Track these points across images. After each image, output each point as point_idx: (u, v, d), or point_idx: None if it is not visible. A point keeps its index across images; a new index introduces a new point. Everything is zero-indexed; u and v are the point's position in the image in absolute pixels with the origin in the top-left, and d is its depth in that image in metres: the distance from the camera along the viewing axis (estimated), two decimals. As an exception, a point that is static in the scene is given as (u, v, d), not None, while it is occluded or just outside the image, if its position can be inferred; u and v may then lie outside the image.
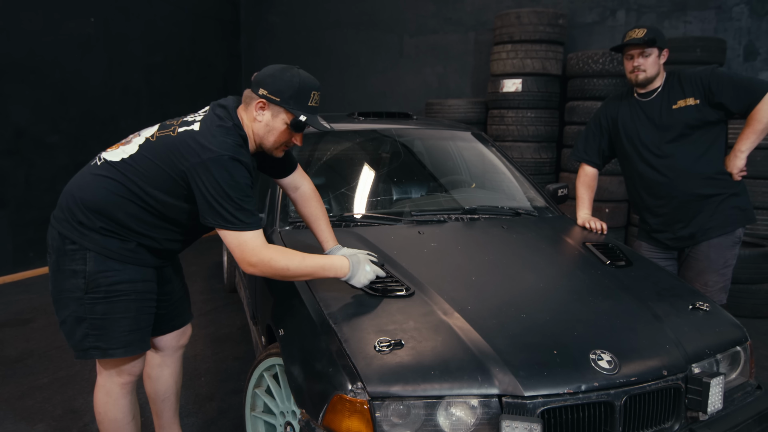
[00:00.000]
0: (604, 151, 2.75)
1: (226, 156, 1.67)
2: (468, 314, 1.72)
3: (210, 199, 1.68)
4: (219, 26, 7.28)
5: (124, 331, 1.82)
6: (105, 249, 1.79)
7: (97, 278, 1.78)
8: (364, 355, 1.55)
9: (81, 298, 1.78)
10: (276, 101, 1.76)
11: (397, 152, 3.08)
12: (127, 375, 1.94)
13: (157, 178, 1.76)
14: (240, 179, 1.69)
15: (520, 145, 5.32)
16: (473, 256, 2.19)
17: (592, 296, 1.91)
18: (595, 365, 1.56)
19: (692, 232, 2.50)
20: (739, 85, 2.34)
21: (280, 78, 1.76)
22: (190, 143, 1.71)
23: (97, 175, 1.81)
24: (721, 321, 1.93)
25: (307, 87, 1.77)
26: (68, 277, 1.79)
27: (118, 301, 1.80)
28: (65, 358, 3.27)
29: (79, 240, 1.78)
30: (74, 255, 1.78)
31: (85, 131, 5.42)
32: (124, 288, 1.81)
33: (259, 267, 1.73)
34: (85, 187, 1.82)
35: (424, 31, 6.46)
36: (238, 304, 4.18)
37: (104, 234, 1.79)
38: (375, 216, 2.52)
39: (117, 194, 1.78)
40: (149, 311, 1.90)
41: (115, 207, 1.78)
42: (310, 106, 1.78)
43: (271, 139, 1.82)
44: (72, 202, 1.81)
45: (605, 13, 5.49)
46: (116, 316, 1.81)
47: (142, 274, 1.85)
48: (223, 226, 1.70)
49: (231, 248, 1.74)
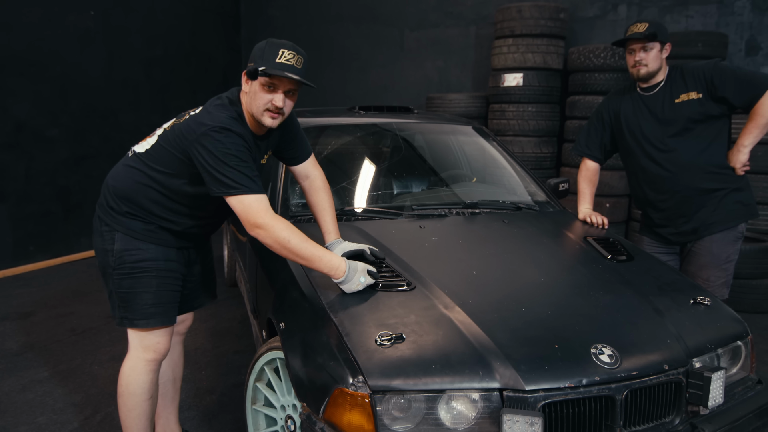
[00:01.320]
0: (606, 146, 2.74)
1: (217, 127, 1.76)
2: (469, 308, 1.72)
3: (210, 169, 1.76)
4: (219, 19, 7.25)
5: (146, 304, 1.97)
6: (130, 230, 1.96)
7: (122, 256, 1.95)
8: (365, 348, 1.55)
9: (111, 274, 1.98)
10: (250, 66, 1.82)
11: (398, 146, 3.07)
12: (152, 352, 2.04)
13: (170, 164, 1.91)
14: (233, 146, 1.77)
15: (521, 139, 5.30)
16: (474, 250, 2.18)
17: (593, 290, 1.91)
18: (596, 359, 1.56)
19: (694, 227, 2.49)
20: (742, 79, 2.32)
21: (255, 47, 1.86)
22: (190, 124, 1.84)
23: (126, 166, 2.01)
24: (722, 315, 1.93)
25: (274, 45, 1.81)
26: (104, 255, 1.99)
27: (142, 277, 1.96)
28: (66, 351, 3.27)
29: (110, 222, 1.98)
30: (107, 235, 1.98)
31: (85, 125, 5.41)
32: (146, 265, 1.96)
33: (264, 229, 1.77)
34: (116, 176, 2.02)
35: (425, 25, 6.44)
36: (239, 298, 4.18)
37: (129, 217, 1.96)
38: (376, 210, 2.52)
39: (140, 182, 1.95)
40: (172, 288, 2.03)
41: (138, 193, 1.95)
42: (278, 63, 1.78)
43: (255, 104, 1.85)
44: (106, 190, 2.03)
45: (607, 7, 5.46)
46: (139, 290, 1.96)
47: (164, 253, 2.00)
48: (226, 192, 1.77)
49: (237, 213, 1.80)
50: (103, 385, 2.88)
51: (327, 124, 3.15)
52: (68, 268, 5.07)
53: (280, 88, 1.82)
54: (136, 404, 2.05)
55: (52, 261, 5.17)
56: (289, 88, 1.84)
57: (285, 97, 1.84)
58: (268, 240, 1.79)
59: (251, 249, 2.64)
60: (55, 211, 5.20)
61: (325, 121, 3.16)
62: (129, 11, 5.77)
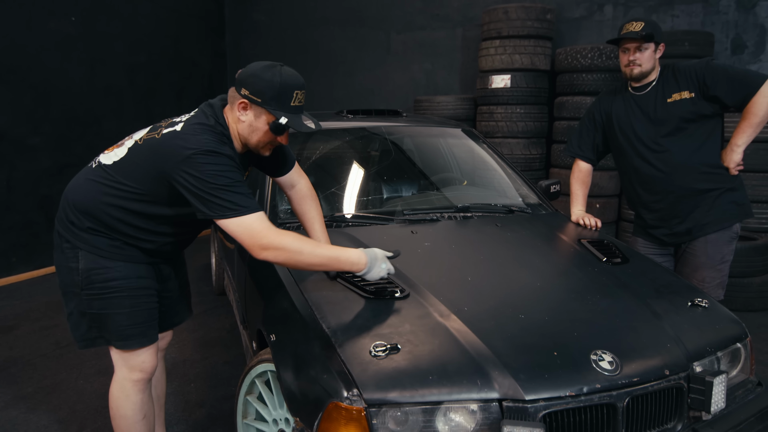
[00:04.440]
0: (599, 147, 2.71)
1: (206, 149, 1.66)
2: (465, 316, 1.68)
3: (201, 194, 1.65)
4: (203, 24, 7.17)
5: (121, 326, 1.86)
6: (94, 247, 1.82)
7: (89, 275, 1.82)
8: (359, 360, 1.50)
9: (79, 294, 1.85)
10: (257, 102, 1.72)
11: (387, 150, 3.02)
12: (138, 372, 1.94)
13: (142, 181, 1.76)
14: (224, 168, 1.67)
15: (510, 141, 5.28)
16: (468, 255, 2.14)
17: (590, 295, 1.88)
18: (596, 366, 1.52)
19: (689, 228, 2.47)
20: (734, 78, 2.30)
21: (261, 77, 1.72)
22: (171, 144, 1.70)
23: (89, 179, 1.85)
24: (721, 317, 1.90)
25: (288, 86, 1.73)
26: (67, 274, 1.86)
27: (113, 298, 1.84)
28: (50, 366, 3.19)
29: (71, 239, 1.84)
30: (69, 253, 1.84)
31: (68, 133, 5.31)
32: (116, 285, 1.83)
33: (272, 250, 1.69)
34: (77, 189, 1.87)
35: (411, 28, 6.41)
36: (227, 307, 4.10)
37: (92, 233, 1.82)
38: (366, 216, 2.47)
39: (103, 199, 1.80)
40: (147, 306, 1.91)
41: (100, 210, 1.81)
42: (292, 106, 1.74)
43: (254, 139, 1.80)
44: (65, 203, 1.88)
45: (593, 8, 5.47)
46: (111, 312, 1.85)
47: (135, 270, 1.87)
48: (223, 215, 1.66)
49: (238, 236, 1.69)
50: (89, 401, 2.80)
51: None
52: (51, 280, 4.95)
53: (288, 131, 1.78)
54: (130, 426, 1.97)
55: (35, 272, 5.06)
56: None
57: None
58: (280, 259, 1.71)
59: (239, 258, 2.58)
60: (38, 221, 5.09)
61: (312, 126, 3.10)
62: (111, 17, 5.68)
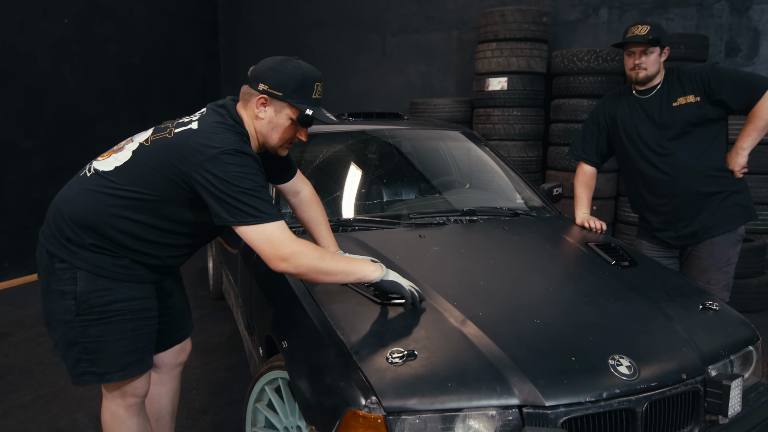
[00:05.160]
0: (603, 150, 2.72)
1: (230, 149, 1.56)
2: (480, 321, 1.66)
3: (222, 196, 1.55)
4: (197, 26, 7.13)
5: (120, 354, 1.70)
6: (96, 267, 1.65)
7: (88, 299, 1.65)
8: (376, 367, 1.48)
9: (71, 321, 1.65)
10: (279, 96, 1.66)
11: (390, 154, 3.01)
12: (131, 397, 1.82)
13: (155, 186, 1.63)
14: (249, 171, 1.58)
15: (507, 143, 5.29)
16: (478, 259, 2.13)
17: (603, 298, 1.87)
18: (614, 371, 1.52)
19: (695, 231, 2.48)
20: (740, 82, 2.31)
21: (281, 71, 1.66)
22: (190, 143, 1.59)
23: (87, 189, 1.68)
24: (732, 320, 1.90)
25: (310, 79, 1.68)
26: (57, 298, 1.66)
27: (113, 322, 1.67)
28: (48, 373, 3.13)
29: (68, 258, 1.65)
30: (63, 274, 1.65)
31: (61, 136, 5.24)
32: (118, 308, 1.68)
33: (292, 261, 1.59)
34: (73, 200, 1.68)
35: (406, 30, 6.41)
36: (226, 312, 4.06)
37: (94, 251, 1.65)
38: (373, 219, 2.45)
39: (109, 208, 1.65)
40: (148, 330, 1.77)
41: (106, 222, 1.65)
42: (314, 99, 1.69)
43: (275, 136, 1.72)
44: (60, 218, 1.68)
45: (588, 11, 5.49)
46: (111, 338, 1.68)
47: (139, 291, 1.73)
48: (244, 221, 1.56)
49: (257, 245, 1.60)
50: (90, 409, 2.75)
51: (316, 132, 3.07)
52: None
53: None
54: None
55: (28, 278, 4.98)
56: None
57: None
58: (301, 269, 1.61)
59: (243, 263, 2.55)
60: (31, 226, 5.01)
61: (314, 129, 3.08)
62: (105, 19, 5.63)
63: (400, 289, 1.70)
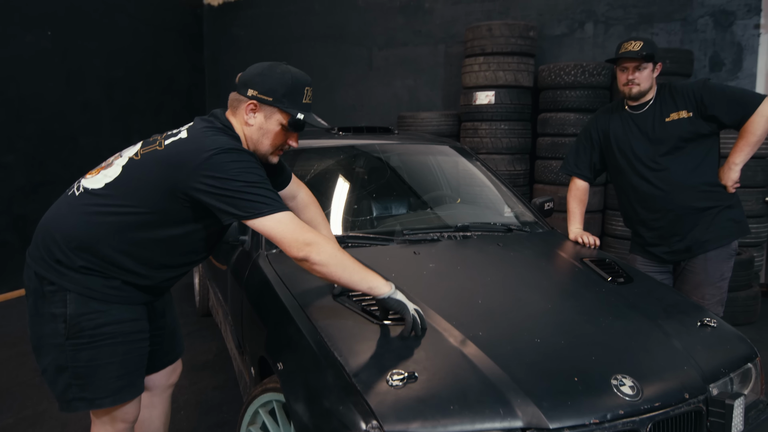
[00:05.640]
0: (596, 165, 2.72)
1: (226, 148, 1.54)
2: (480, 341, 1.63)
3: (228, 194, 1.51)
4: (181, 39, 7.07)
5: (111, 378, 1.64)
6: (87, 289, 1.60)
7: (79, 322, 1.60)
8: (376, 390, 1.44)
9: (62, 345, 1.60)
10: (268, 101, 1.65)
11: (382, 168, 2.99)
12: (120, 422, 1.76)
13: (149, 199, 1.59)
14: (250, 165, 1.55)
15: (495, 157, 5.29)
16: (475, 276, 2.10)
17: (602, 316, 1.85)
18: (617, 391, 1.50)
19: (688, 246, 2.48)
20: (732, 98, 2.34)
21: (270, 76, 1.65)
22: (182, 150, 1.57)
23: (77, 209, 1.63)
24: (730, 337, 1.91)
25: (300, 83, 1.67)
26: (47, 322, 1.61)
27: (104, 346, 1.62)
28: (30, 394, 3.03)
29: (57, 280, 1.60)
30: (53, 297, 1.60)
31: (43, 150, 5.14)
32: (109, 330, 1.62)
33: (315, 246, 1.54)
34: (62, 220, 1.63)
35: (393, 44, 6.42)
36: (213, 329, 3.99)
37: (85, 272, 1.60)
38: (366, 236, 2.42)
39: (101, 227, 1.60)
40: (140, 353, 1.71)
41: (99, 241, 1.60)
42: (304, 104, 1.68)
43: (266, 142, 1.70)
44: (49, 239, 1.62)
45: (573, 26, 5.54)
46: (103, 362, 1.63)
47: (130, 313, 1.68)
48: (259, 212, 1.51)
49: (277, 234, 1.54)
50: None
51: (307, 147, 3.03)
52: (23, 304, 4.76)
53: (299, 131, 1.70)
54: None
55: (9, 294, 4.86)
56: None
57: None
58: (323, 256, 1.54)
59: (233, 280, 2.50)
60: (11, 242, 4.90)
61: (304, 144, 3.05)
62: (88, 31, 5.55)
63: (404, 312, 1.63)
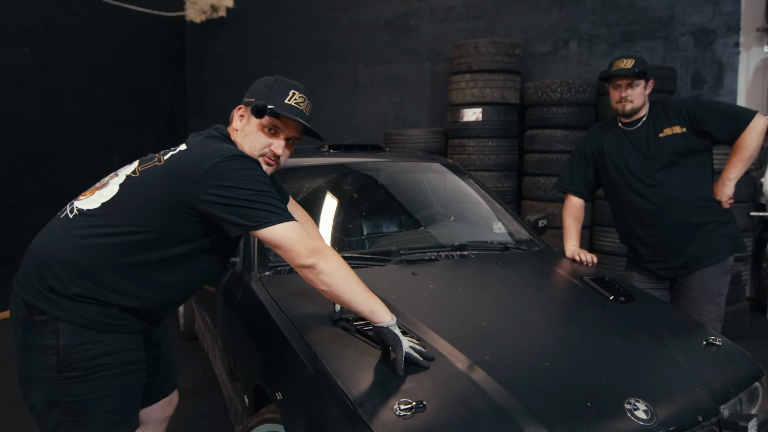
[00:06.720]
0: (591, 182, 2.71)
1: (230, 155, 1.48)
2: (488, 366, 1.58)
3: (236, 203, 1.45)
4: (163, 56, 6.99)
5: (107, 413, 1.55)
6: (81, 318, 1.51)
7: (72, 353, 1.50)
8: (383, 421, 1.37)
9: (53, 378, 1.50)
10: (251, 102, 1.62)
11: (375, 187, 2.94)
12: None
13: (151, 217, 1.52)
14: (257, 173, 1.50)
15: (482, 174, 5.29)
16: (476, 297, 2.05)
17: (608, 337, 1.81)
18: (632, 416, 1.45)
19: (685, 262, 2.47)
20: (724, 114, 2.35)
21: (259, 82, 1.67)
22: (184, 162, 1.52)
23: (71, 230, 1.55)
24: (736, 356, 1.87)
25: (285, 85, 1.63)
26: (37, 354, 1.51)
27: (100, 378, 1.53)
28: (6, 426, 2.89)
29: (48, 309, 1.50)
30: (44, 327, 1.50)
31: (19, 169, 5.00)
32: (105, 361, 1.53)
33: (323, 255, 1.50)
34: (56, 244, 1.55)
35: (379, 61, 6.41)
36: (199, 353, 3.87)
37: (79, 300, 1.51)
38: (363, 257, 2.35)
39: (99, 248, 1.52)
40: (136, 384, 1.62)
41: (97, 265, 1.52)
42: (286, 104, 1.60)
43: (247, 145, 1.62)
44: (42, 264, 1.54)
45: (558, 44, 5.59)
46: (97, 396, 1.53)
47: (127, 342, 1.59)
48: (269, 221, 1.46)
49: (287, 243, 1.48)
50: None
51: (296, 165, 2.97)
52: (3, 326, 4.59)
53: (283, 134, 1.63)
54: None
55: (-17, 319, 4.69)
56: (292, 135, 1.64)
57: (285, 145, 1.64)
58: (331, 266, 1.50)
59: (224, 304, 2.42)
60: (-14, 264, 4.74)
61: (293, 162, 2.98)
62: (67, 47, 5.45)
63: (396, 347, 1.54)
